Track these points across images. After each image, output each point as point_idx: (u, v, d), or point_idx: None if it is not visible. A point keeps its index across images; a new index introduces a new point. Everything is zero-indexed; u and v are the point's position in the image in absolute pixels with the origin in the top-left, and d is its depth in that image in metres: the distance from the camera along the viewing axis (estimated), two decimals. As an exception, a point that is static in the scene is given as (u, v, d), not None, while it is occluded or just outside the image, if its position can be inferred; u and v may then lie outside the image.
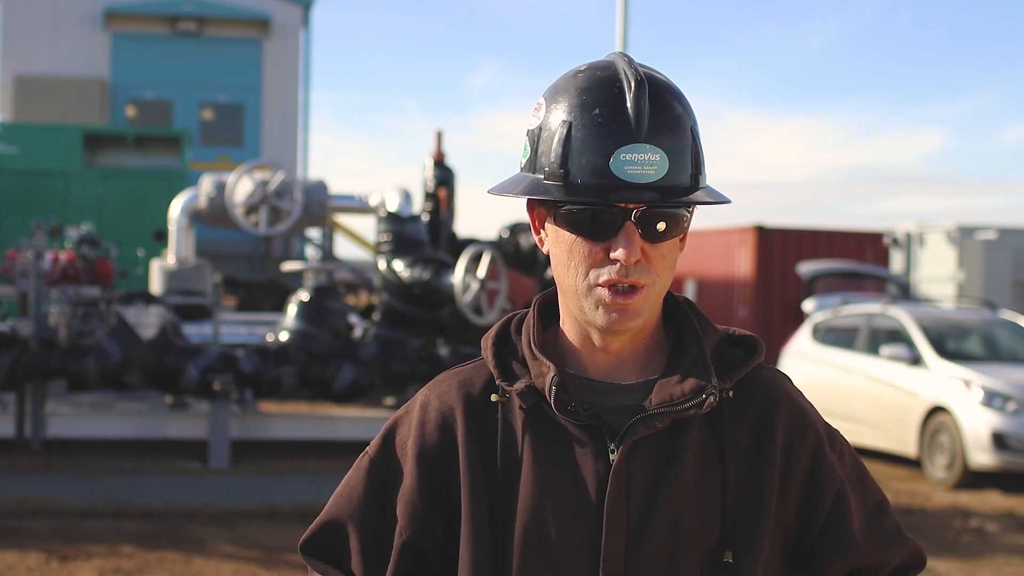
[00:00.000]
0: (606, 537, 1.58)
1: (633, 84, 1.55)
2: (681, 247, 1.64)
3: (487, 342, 1.70)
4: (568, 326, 1.66)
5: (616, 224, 1.55)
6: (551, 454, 1.62)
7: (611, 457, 1.59)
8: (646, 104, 1.54)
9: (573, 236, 1.58)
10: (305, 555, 1.75)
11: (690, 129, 1.58)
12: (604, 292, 1.57)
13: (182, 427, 10.75)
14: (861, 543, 1.67)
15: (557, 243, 1.61)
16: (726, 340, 1.70)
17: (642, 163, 1.53)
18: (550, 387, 1.60)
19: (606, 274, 1.56)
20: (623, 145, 1.53)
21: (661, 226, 1.56)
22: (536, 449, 1.62)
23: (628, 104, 1.54)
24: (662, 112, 1.55)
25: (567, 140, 1.56)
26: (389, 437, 1.72)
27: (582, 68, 1.61)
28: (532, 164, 1.61)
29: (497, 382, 1.65)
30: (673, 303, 1.70)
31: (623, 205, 1.55)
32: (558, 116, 1.58)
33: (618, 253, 1.54)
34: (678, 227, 1.58)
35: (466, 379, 1.70)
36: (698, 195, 1.57)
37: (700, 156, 1.59)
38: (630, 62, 1.59)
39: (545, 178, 1.58)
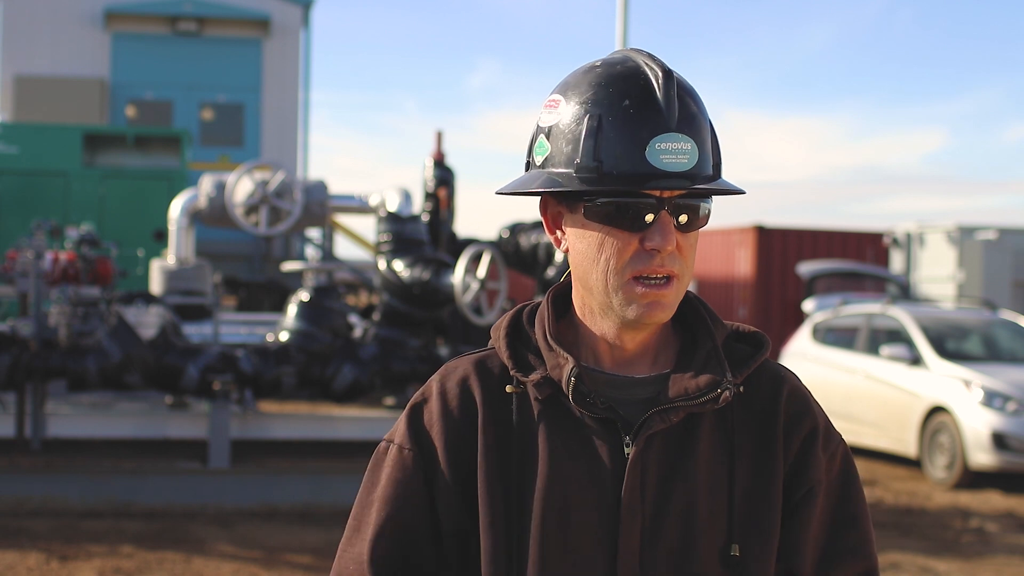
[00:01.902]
0: (623, 530, 1.58)
1: (661, 75, 1.57)
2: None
3: (499, 332, 1.68)
4: (586, 321, 1.66)
5: (651, 214, 1.56)
6: (567, 446, 1.62)
7: (626, 450, 1.60)
8: (675, 94, 1.56)
9: (604, 229, 1.57)
10: (376, 570, 1.64)
11: (709, 121, 1.61)
12: (638, 286, 1.57)
13: (182, 427, 10.75)
14: (806, 551, 1.65)
15: (583, 238, 1.60)
16: (732, 336, 1.71)
17: (676, 152, 1.54)
18: (568, 379, 1.60)
19: (641, 265, 1.56)
20: (658, 134, 1.54)
21: (685, 218, 1.58)
22: (552, 441, 1.62)
23: (658, 95, 1.55)
24: (686, 104, 1.57)
25: (597, 133, 1.55)
26: (416, 425, 1.68)
27: (597, 64, 1.61)
28: (549, 160, 1.60)
29: (512, 373, 1.65)
30: (683, 299, 1.71)
31: (659, 194, 1.55)
32: (580, 111, 1.57)
33: (655, 242, 1.55)
34: (703, 217, 1.61)
35: (480, 366, 1.69)
36: (724, 182, 1.60)
37: (719, 147, 1.61)
38: (651, 55, 1.60)
39: (575, 172, 1.56)
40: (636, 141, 1.54)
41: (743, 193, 1.61)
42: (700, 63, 69.67)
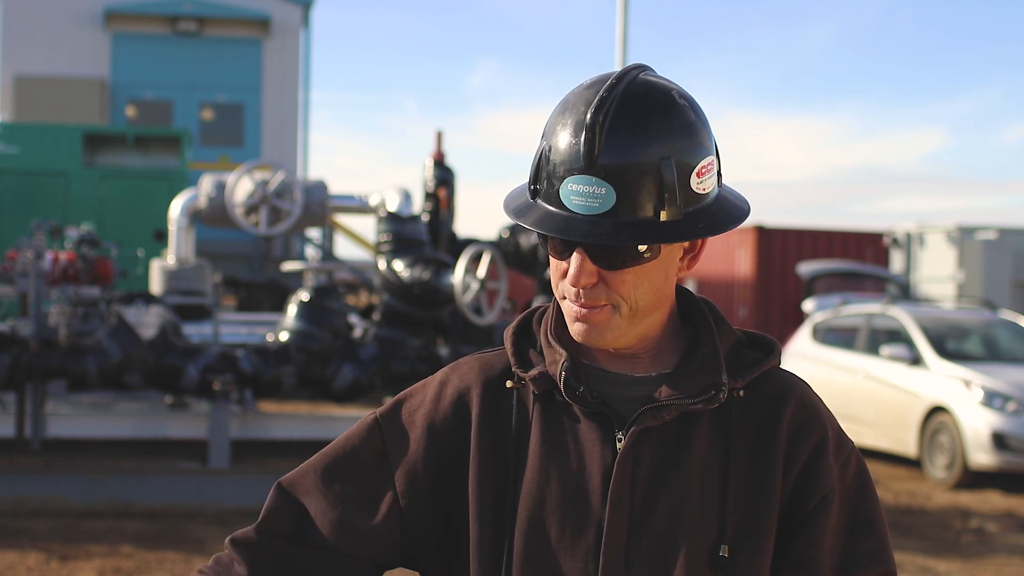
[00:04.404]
0: (608, 524, 1.59)
1: (594, 105, 1.52)
2: (687, 265, 1.65)
3: (508, 330, 1.73)
4: None
5: (570, 247, 1.57)
6: (559, 439, 1.64)
7: (618, 445, 1.61)
8: (600, 132, 1.51)
9: (547, 252, 1.63)
10: (279, 492, 1.73)
11: (660, 160, 1.52)
12: (569, 304, 1.60)
13: (182, 427, 10.75)
14: (824, 558, 1.65)
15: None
16: (743, 341, 1.71)
17: (586, 195, 1.52)
18: (560, 372, 1.62)
19: (566, 292, 1.60)
20: (572, 175, 1.53)
21: (610, 257, 1.55)
22: (545, 434, 1.64)
23: (584, 129, 1.52)
24: (622, 143, 1.52)
25: (539, 161, 1.58)
26: (399, 404, 1.74)
27: (587, 82, 1.59)
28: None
29: (513, 368, 1.68)
30: (691, 302, 1.72)
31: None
32: (544, 134, 1.59)
33: (568, 277, 1.58)
34: (635, 258, 1.55)
35: (487, 363, 1.73)
36: (643, 234, 1.52)
37: (670, 186, 1.52)
38: (621, 78, 1.55)
39: (529, 196, 1.60)
40: (558, 178, 1.54)
41: (675, 241, 1.56)
42: (700, 63, 69.66)
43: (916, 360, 11.89)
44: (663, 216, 1.53)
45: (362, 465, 1.71)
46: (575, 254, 1.56)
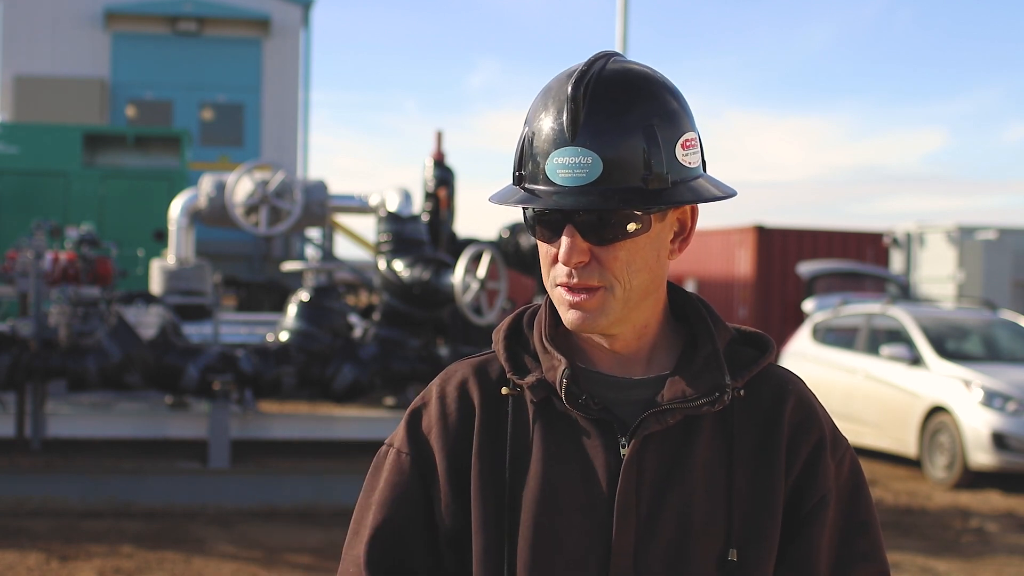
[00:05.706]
0: (616, 531, 1.58)
1: (571, 83, 1.54)
2: (678, 248, 1.63)
3: (499, 335, 1.70)
4: None
5: (559, 227, 1.56)
6: (561, 447, 1.62)
7: (622, 451, 1.59)
8: (581, 106, 1.53)
9: (537, 239, 1.61)
10: (372, 570, 1.65)
11: (644, 128, 1.53)
12: (561, 291, 1.59)
13: (182, 427, 10.75)
14: (819, 558, 1.64)
15: (539, 246, 1.64)
16: (737, 339, 1.70)
17: (572, 166, 1.53)
18: (561, 380, 1.60)
19: (561, 277, 1.58)
20: (557, 148, 1.54)
21: (601, 232, 1.55)
22: (546, 442, 1.62)
23: (565, 105, 1.54)
24: (605, 113, 1.53)
25: (523, 145, 1.59)
26: (415, 430, 1.70)
27: (566, 72, 1.60)
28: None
29: (508, 375, 1.65)
30: (686, 300, 1.70)
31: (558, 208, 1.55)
32: (527, 121, 1.60)
33: (560, 256, 1.56)
34: (624, 231, 1.55)
35: (479, 370, 1.70)
36: (632, 198, 1.52)
37: (656, 153, 1.53)
38: (593, 62, 1.57)
39: (514, 182, 1.60)
40: (543, 155, 1.55)
41: (669, 207, 1.56)
42: (700, 63, 69.61)
43: (916, 360, 11.89)
44: (650, 184, 1.54)
45: (421, 507, 1.66)
46: (565, 233, 1.55)
